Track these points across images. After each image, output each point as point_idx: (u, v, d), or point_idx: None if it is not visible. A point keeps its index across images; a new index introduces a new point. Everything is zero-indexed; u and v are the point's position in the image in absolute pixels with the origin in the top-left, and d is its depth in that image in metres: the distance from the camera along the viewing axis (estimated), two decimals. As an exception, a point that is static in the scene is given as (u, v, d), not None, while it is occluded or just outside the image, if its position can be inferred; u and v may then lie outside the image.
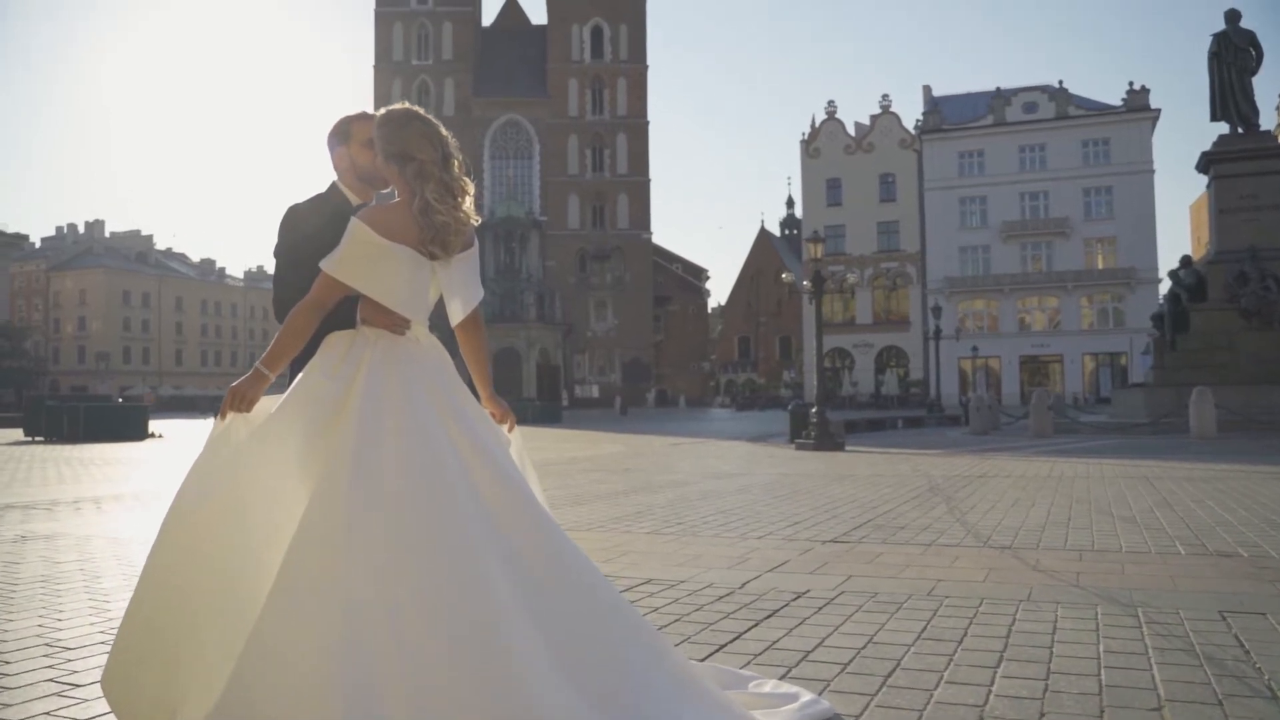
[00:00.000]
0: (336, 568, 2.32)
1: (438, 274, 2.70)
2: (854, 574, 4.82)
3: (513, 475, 2.61)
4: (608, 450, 18.25)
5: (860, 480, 10.66)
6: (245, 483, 2.52)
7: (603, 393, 72.71)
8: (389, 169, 2.72)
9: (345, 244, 2.60)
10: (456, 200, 2.71)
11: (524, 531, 2.51)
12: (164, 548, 2.50)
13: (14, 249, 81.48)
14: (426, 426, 2.51)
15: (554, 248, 74.77)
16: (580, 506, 8.21)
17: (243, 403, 2.62)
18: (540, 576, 2.47)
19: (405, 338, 2.69)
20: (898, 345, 65.37)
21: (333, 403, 2.56)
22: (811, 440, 17.41)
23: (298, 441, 2.54)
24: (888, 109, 66.79)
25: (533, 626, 2.36)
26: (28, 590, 4.62)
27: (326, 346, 2.69)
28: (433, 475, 2.43)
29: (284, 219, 2.90)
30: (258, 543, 2.52)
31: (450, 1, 76.55)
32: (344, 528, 2.35)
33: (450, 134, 2.79)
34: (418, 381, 2.60)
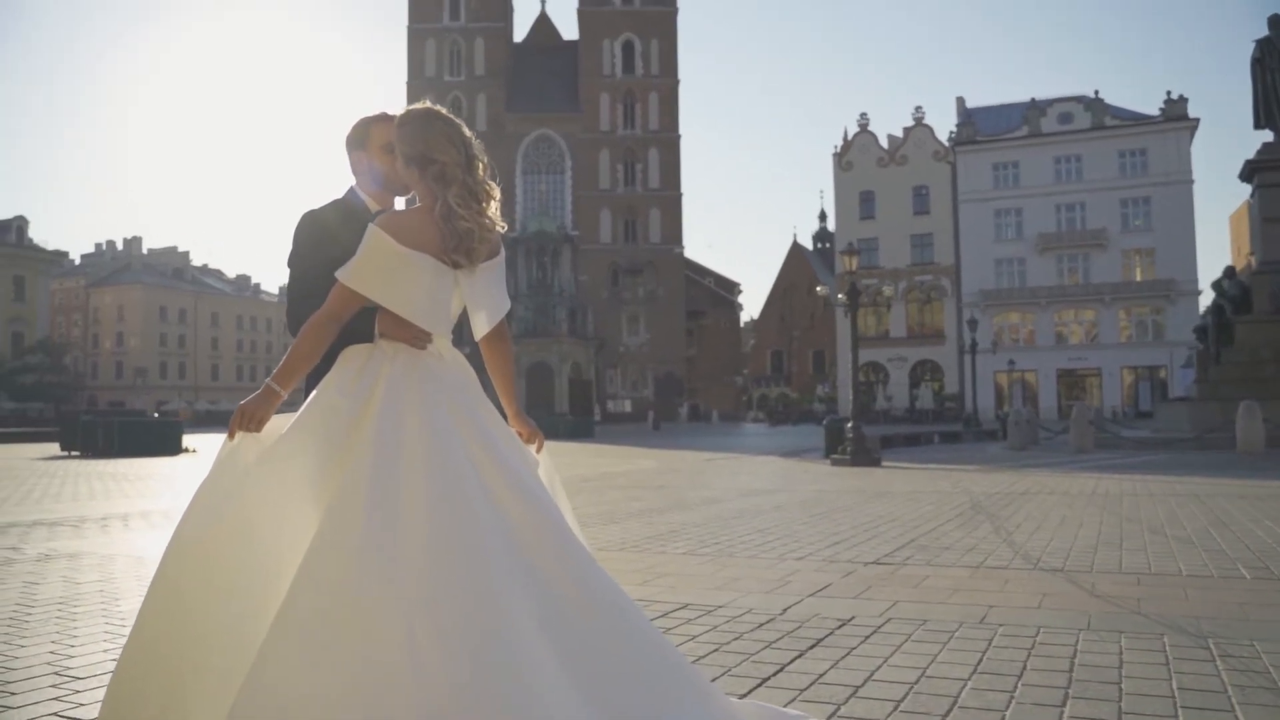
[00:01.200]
0: (348, 596, 2.14)
1: (461, 284, 2.53)
2: (900, 599, 4.59)
3: (539, 497, 2.42)
4: (641, 466, 18.05)
5: (899, 497, 10.40)
6: (253, 507, 2.35)
7: (635, 407, 72.52)
8: (409, 173, 2.55)
9: (362, 252, 2.43)
10: (481, 205, 2.53)
11: (550, 557, 2.32)
12: (166, 576, 2.34)
13: (54, 266, 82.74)
14: (447, 447, 2.33)
15: (586, 262, 74.78)
16: (613, 525, 8.02)
17: (252, 422, 2.45)
18: (566, 603, 2.27)
19: (426, 352, 2.52)
20: (932, 359, 64.78)
21: (348, 422, 2.39)
22: (847, 456, 17.14)
23: (310, 463, 2.37)
24: (921, 121, 66.37)
25: (556, 658, 2.17)
26: (43, 613, 4.49)
27: (343, 362, 2.52)
28: (453, 499, 2.25)
29: (299, 226, 2.73)
30: (266, 570, 2.35)
31: (482, 18, 76.96)
32: (357, 554, 2.17)
33: (474, 135, 2.62)
34: (438, 398, 2.43)
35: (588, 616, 2.28)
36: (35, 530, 7.85)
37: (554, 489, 2.79)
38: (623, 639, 2.33)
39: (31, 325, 76.22)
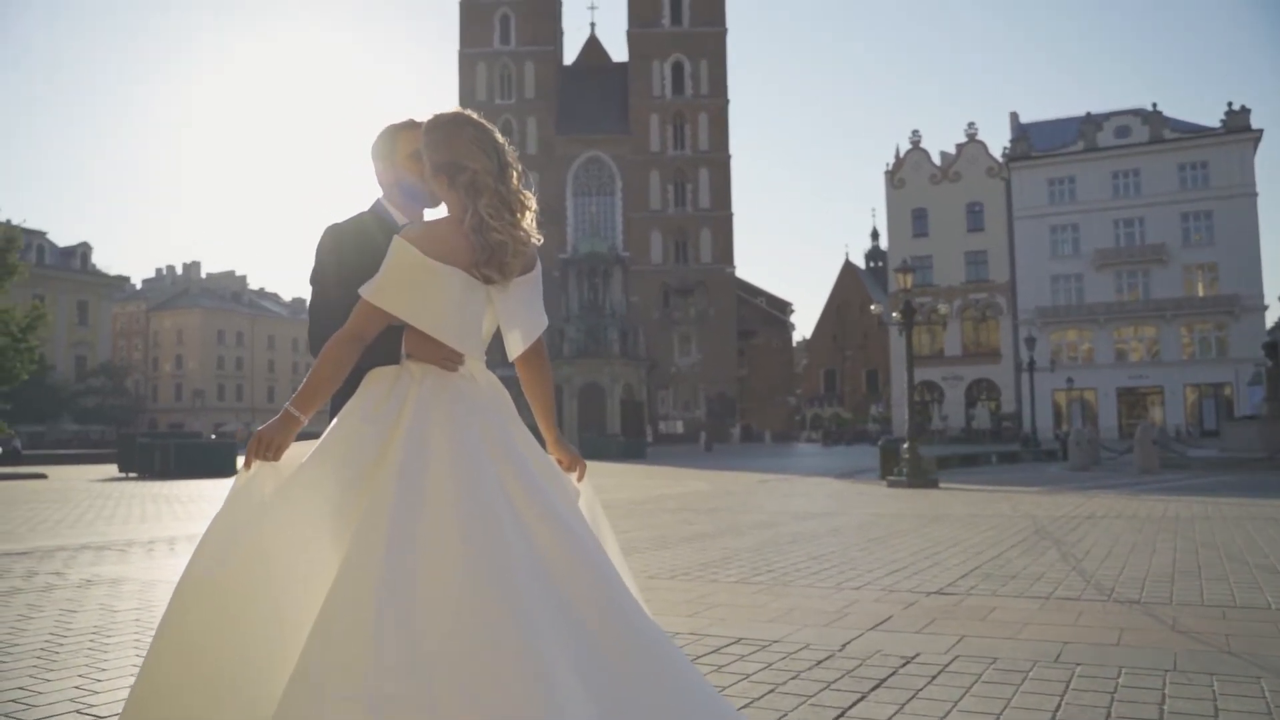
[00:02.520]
0: (365, 647, 1.95)
1: (494, 300, 2.34)
2: (967, 634, 4.33)
3: (575, 531, 2.20)
4: (693, 488, 17.80)
5: (959, 521, 10.07)
6: (269, 544, 2.17)
7: (687, 428, 72.10)
8: (438, 181, 2.37)
9: (386, 266, 2.26)
10: (515, 216, 2.35)
11: (586, 595, 2.10)
12: (177, 616, 2.17)
13: (116, 290, 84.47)
14: (477, 477, 2.14)
15: (637, 283, 74.69)
16: (664, 550, 7.80)
17: (269, 450, 2.28)
18: (602, 645, 2.05)
19: (458, 374, 2.33)
20: (988, 378, 63.74)
21: (372, 451, 2.21)
22: (904, 477, 16.79)
23: (330, 495, 2.20)
24: (974, 137, 65.56)
25: (590, 703, 1.97)
26: (75, 643, 4.37)
27: (367, 385, 2.34)
28: (482, 534, 2.06)
29: (321, 241, 2.56)
30: (282, 614, 2.18)
31: (532, 42, 77.44)
32: (378, 593, 1.98)
33: (508, 141, 2.44)
34: (469, 424, 2.23)
35: (625, 660, 2.06)
36: (82, 554, 7.80)
37: (595, 520, 2.60)
38: (663, 687, 2.11)
39: (94, 348, 77.78)
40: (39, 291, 68.17)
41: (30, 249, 69.36)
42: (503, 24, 77.59)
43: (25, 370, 26.41)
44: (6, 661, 4.04)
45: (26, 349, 26.15)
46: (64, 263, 77.14)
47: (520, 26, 77.52)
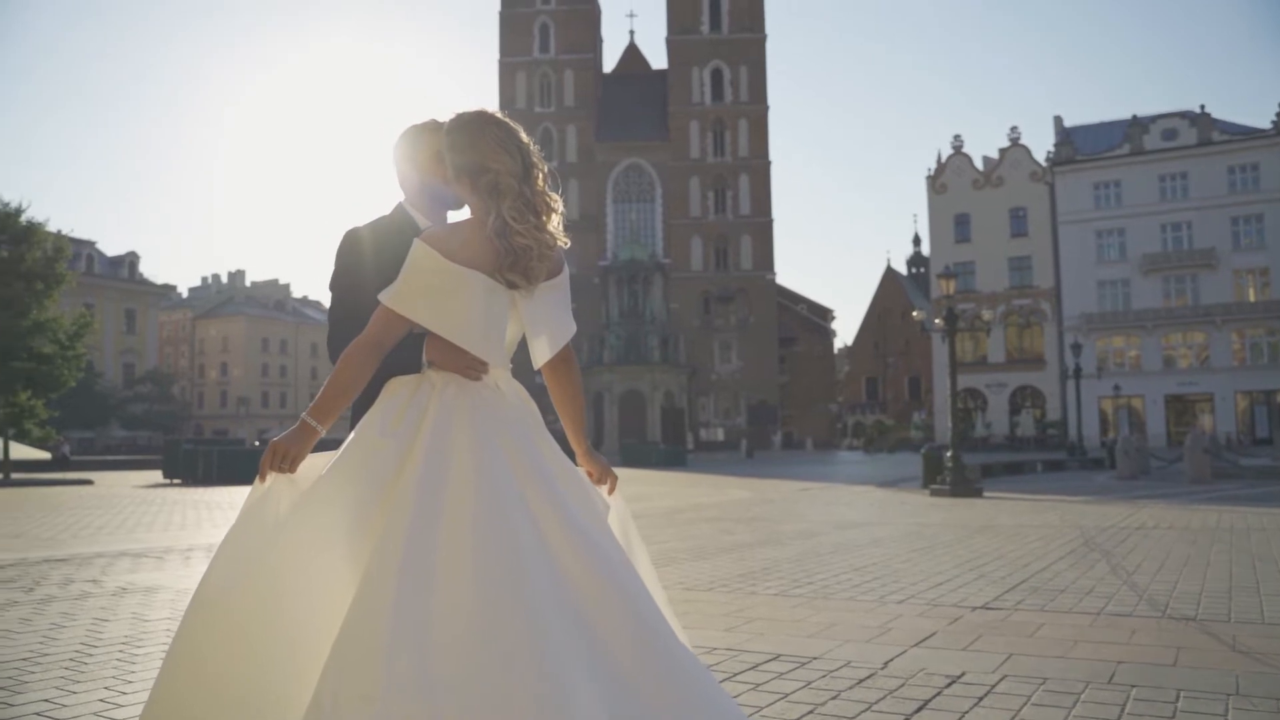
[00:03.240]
0: (382, 665, 1.86)
1: (519, 307, 2.24)
2: (1015, 651, 4.17)
3: (603, 550, 2.09)
4: (733, 496, 17.65)
5: (1004, 532, 9.85)
6: (283, 563, 2.08)
7: (728, 435, 71.82)
8: (461, 183, 2.27)
9: (406, 270, 2.16)
10: (540, 219, 2.25)
11: (613, 618, 1.99)
12: (189, 637, 2.08)
13: (163, 299, 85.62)
14: (498, 496, 2.03)
15: (677, 290, 74.55)
16: (702, 561, 7.67)
17: (285, 461, 2.19)
18: (628, 672, 1.94)
19: (481, 383, 2.23)
20: (1033, 384, 62.90)
21: (389, 467, 2.12)
22: (947, 486, 16.53)
23: (346, 514, 2.10)
24: (1017, 141, 64.81)
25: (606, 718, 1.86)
26: (105, 654, 4.32)
27: (386, 395, 2.24)
28: (499, 556, 1.95)
29: (341, 245, 2.47)
30: (297, 633, 2.09)
31: (572, 50, 77.64)
32: (392, 618, 1.89)
33: (533, 141, 2.33)
34: (491, 437, 2.13)
35: (651, 684, 1.95)
36: (120, 561, 7.81)
37: (627, 534, 2.49)
38: (689, 713, 1.99)
39: (142, 356, 78.88)
40: (88, 300, 69.30)
41: (80, 258, 70.50)
42: (542, 33, 77.88)
43: (72, 377, 26.75)
44: (35, 672, 4.00)
45: (74, 357, 26.48)
46: (112, 272, 78.32)
47: (560, 35, 77.76)
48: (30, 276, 25.60)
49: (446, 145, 2.29)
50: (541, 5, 77.86)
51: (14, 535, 10.51)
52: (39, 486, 22.92)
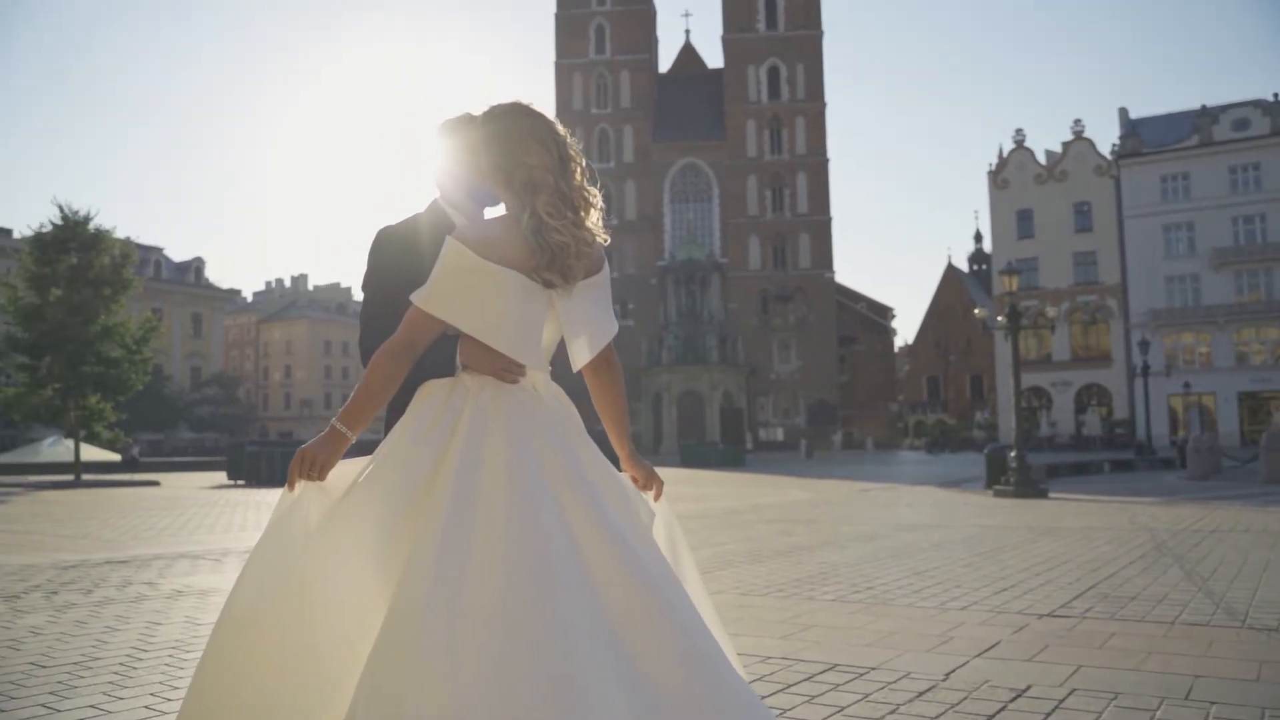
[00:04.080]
0: (411, 680, 1.78)
1: (556, 306, 2.14)
2: (1084, 663, 3.98)
3: (643, 561, 1.97)
4: (792, 497, 17.46)
5: (1071, 534, 9.58)
6: (313, 579, 2.00)
7: (787, 435, 71.34)
8: (495, 178, 2.18)
9: (438, 269, 2.07)
10: (577, 215, 2.14)
11: (652, 640, 1.88)
12: (218, 654, 2.01)
13: (228, 303, 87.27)
14: (532, 506, 1.93)
15: (735, 289, 74.23)
16: (759, 565, 7.53)
17: (314, 469, 2.11)
18: (666, 698, 1.84)
19: (518, 387, 2.13)
20: (1099, 383, 61.67)
21: (421, 477, 2.03)
22: (1011, 486, 16.19)
23: (377, 528, 2.02)
24: (1080, 134, 63.57)
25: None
26: (155, 658, 4.31)
27: (419, 400, 2.16)
28: (533, 568, 1.86)
29: (373, 244, 2.39)
30: (327, 650, 2.01)
31: (628, 50, 77.64)
32: (423, 639, 1.80)
33: (570, 134, 2.22)
34: (527, 444, 2.03)
35: (689, 706, 1.84)
36: (178, 564, 7.86)
37: (673, 541, 2.38)
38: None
39: (208, 359, 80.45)
40: (156, 305, 70.84)
41: (148, 264, 72.14)
42: (598, 34, 77.99)
43: (140, 381, 27.25)
44: (85, 676, 4.00)
45: (141, 360, 26.98)
46: (179, 277, 79.96)
47: (615, 36, 77.81)
48: (98, 282, 26.12)
49: (480, 139, 2.20)
50: (597, 6, 77.98)
51: (80, 536, 10.67)
52: (108, 488, 23.38)
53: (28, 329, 25.71)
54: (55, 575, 7.17)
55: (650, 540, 2.16)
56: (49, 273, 25.91)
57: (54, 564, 7.88)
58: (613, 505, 2.08)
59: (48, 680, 3.94)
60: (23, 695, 3.71)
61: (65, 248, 26.33)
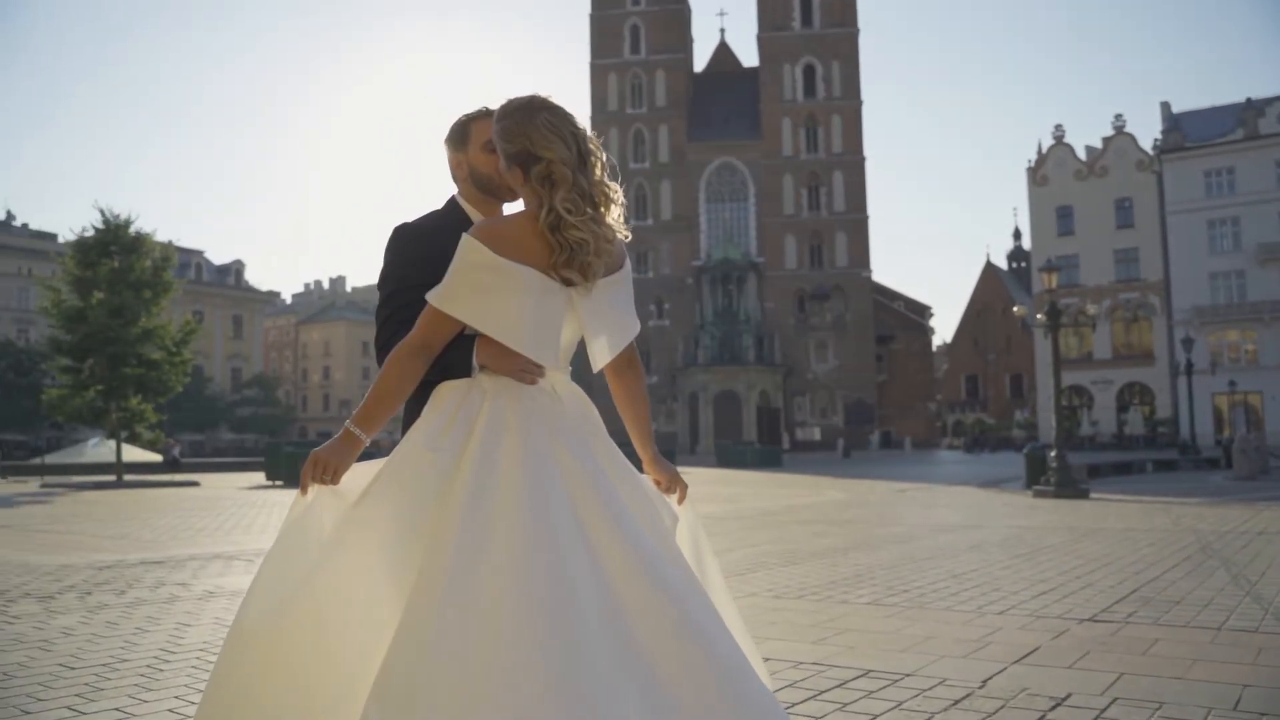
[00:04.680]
0: (422, 694, 1.72)
1: (576, 305, 2.07)
2: (1127, 671, 3.87)
3: (663, 571, 1.90)
4: (828, 497, 17.31)
5: (1113, 536, 9.40)
6: (326, 589, 1.95)
7: (824, 435, 70.92)
8: (513, 174, 2.11)
9: (454, 267, 2.01)
10: (597, 211, 2.07)
11: (669, 643, 1.81)
12: (230, 666, 1.97)
13: (268, 306, 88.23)
14: (548, 513, 1.87)
15: (772, 289, 73.91)
16: (793, 567, 7.44)
17: (327, 473, 2.06)
18: (686, 701, 1.77)
19: (537, 388, 2.07)
20: (1141, 381, 60.77)
21: (436, 483, 1.97)
22: (1051, 486, 15.96)
23: (390, 536, 1.97)
24: (1121, 129, 62.71)
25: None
26: (182, 660, 4.30)
27: (435, 402, 2.10)
28: (548, 578, 1.80)
29: (390, 241, 2.34)
30: (340, 660, 1.96)
31: (663, 50, 77.52)
32: (433, 646, 1.75)
33: (588, 129, 2.15)
34: (545, 448, 1.97)
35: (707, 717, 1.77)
36: (212, 564, 7.89)
37: (698, 548, 2.32)
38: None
39: (248, 361, 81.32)
40: (197, 307, 71.66)
41: (189, 267, 73.03)
42: (633, 34, 77.94)
43: (179, 382, 27.51)
44: (111, 679, 3.99)
45: (181, 362, 27.23)
46: (220, 280, 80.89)
47: (650, 36, 77.73)
48: (139, 285, 26.40)
49: (497, 133, 2.14)
50: (632, 7, 77.92)
51: (119, 536, 10.76)
52: (149, 488, 23.63)
53: (71, 331, 26.04)
54: (91, 575, 7.22)
55: (673, 545, 2.09)
56: (91, 276, 26.22)
57: (90, 564, 7.94)
58: (634, 510, 2.01)
59: (75, 682, 3.94)
60: (49, 698, 3.70)
61: (107, 251, 26.65)
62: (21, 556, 8.57)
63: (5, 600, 6.08)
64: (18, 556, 8.56)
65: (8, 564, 8.01)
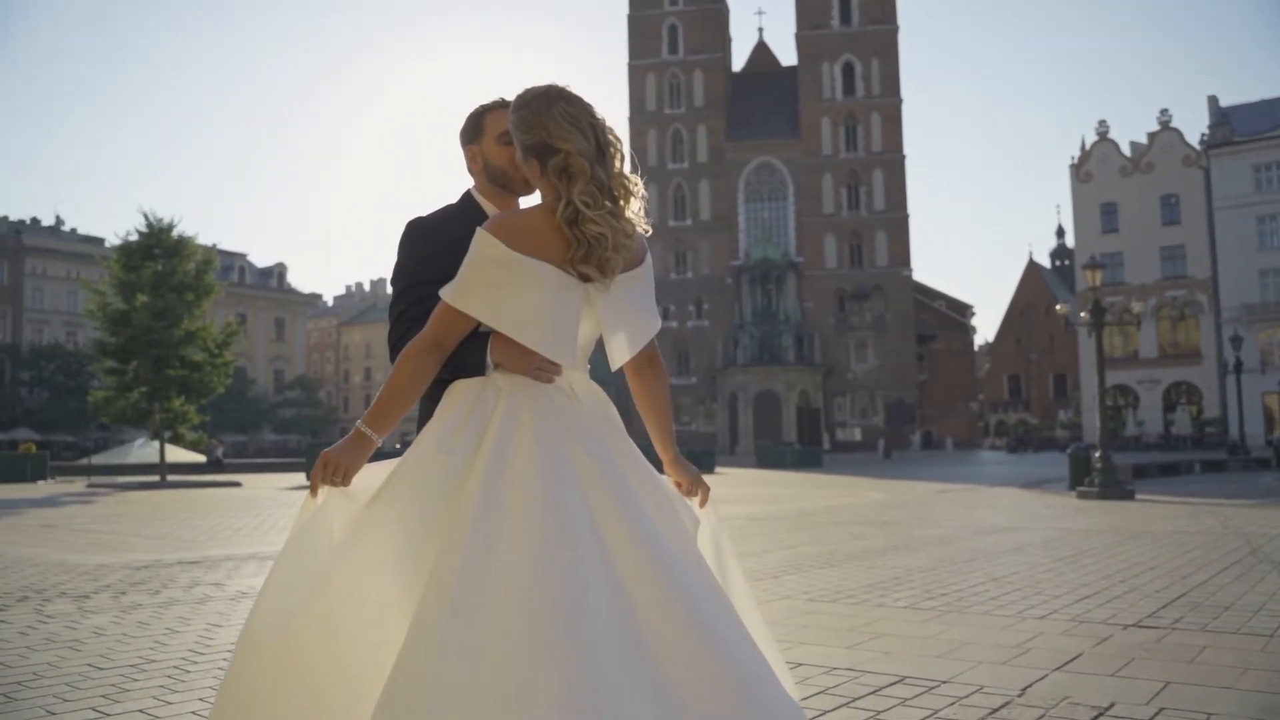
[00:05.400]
0: (428, 704, 1.66)
1: (594, 301, 2.00)
2: (1173, 679, 3.73)
3: (683, 573, 1.82)
4: (868, 498, 17.13)
5: (1159, 539, 9.19)
6: (336, 598, 1.89)
7: (865, 435, 70.48)
8: (529, 166, 2.05)
9: (468, 263, 1.95)
10: (616, 204, 2.00)
11: (688, 653, 1.73)
12: (240, 677, 1.92)
13: (309, 307, 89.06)
14: (561, 517, 1.80)
15: (811, 288, 73.55)
16: (829, 569, 7.32)
17: (337, 474, 2.01)
18: (704, 713, 1.69)
19: (553, 386, 2.00)
20: (1188, 380, 59.80)
21: (448, 487, 1.90)
22: (1095, 488, 15.69)
23: (400, 544, 1.91)
24: (1167, 125, 61.73)
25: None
26: (209, 661, 4.28)
27: (448, 402, 2.03)
28: (560, 587, 1.72)
29: (403, 236, 2.28)
30: (351, 670, 1.90)
31: (701, 50, 77.39)
32: (439, 658, 1.68)
33: (607, 119, 2.08)
34: (560, 450, 1.90)
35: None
36: (246, 565, 7.90)
37: (720, 553, 2.24)
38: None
39: (291, 363, 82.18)
40: (241, 309, 72.54)
41: (233, 270, 73.96)
42: (670, 34, 77.88)
43: (221, 384, 27.81)
44: (139, 680, 3.97)
45: (222, 364, 27.53)
46: (262, 282, 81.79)
47: (688, 36, 77.63)
48: (181, 288, 26.72)
49: (513, 123, 2.07)
50: (669, 7, 77.87)
51: (159, 536, 10.83)
52: (191, 489, 23.85)
53: (115, 334, 26.38)
54: (127, 575, 7.25)
55: (693, 550, 2.01)
56: (134, 279, 26.58)
57: (127, 564, 7.98)
58: (653, 513, 1.94)
59: (102, 683, 3.92)
60: (75, 698, 3.69)
61: (150, 254, 27.01)
62: (61, 555, 8.64)
63: (41, 599, 6.12)
64: (58, 555, 8.64)
65: (47, 563, 8.08)
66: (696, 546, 2.06)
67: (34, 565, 7.94)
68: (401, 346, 2.08)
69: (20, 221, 72.54)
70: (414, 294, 2.19)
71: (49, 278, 68.64)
